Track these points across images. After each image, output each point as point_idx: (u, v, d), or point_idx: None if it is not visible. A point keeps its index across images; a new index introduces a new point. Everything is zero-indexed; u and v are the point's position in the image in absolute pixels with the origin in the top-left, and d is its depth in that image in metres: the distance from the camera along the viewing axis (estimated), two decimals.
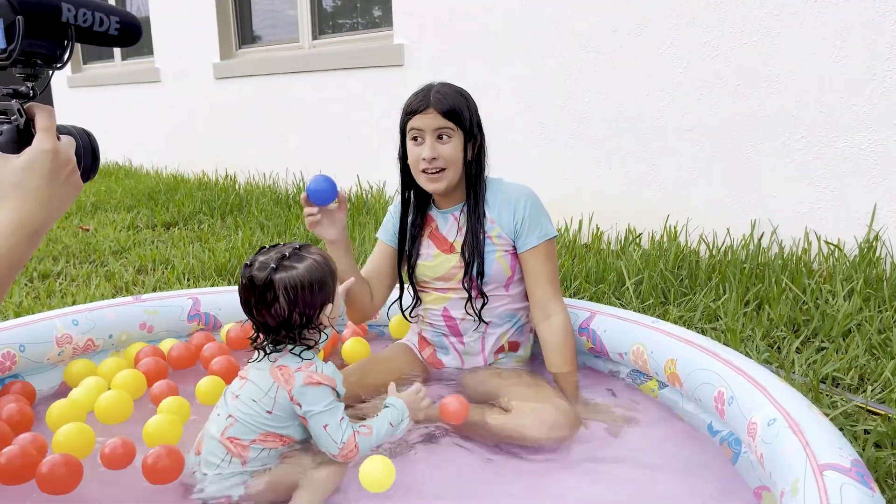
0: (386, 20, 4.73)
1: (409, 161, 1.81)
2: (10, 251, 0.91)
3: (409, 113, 1.77)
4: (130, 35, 1.05)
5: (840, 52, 2.74)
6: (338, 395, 1.48)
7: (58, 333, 2.00)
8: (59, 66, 1.01)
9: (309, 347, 1.50)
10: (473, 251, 1.81)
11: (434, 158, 1.75)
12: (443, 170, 1.77)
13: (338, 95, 4.96)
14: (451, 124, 1.74)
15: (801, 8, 2.81)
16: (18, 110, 0.97)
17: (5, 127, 0.97)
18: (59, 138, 0.98)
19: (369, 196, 4.63)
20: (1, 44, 0.93)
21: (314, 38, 5.26)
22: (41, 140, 0.95)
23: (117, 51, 7.70)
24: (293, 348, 1.48)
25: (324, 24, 5.27)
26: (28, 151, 0.95)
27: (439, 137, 1.75)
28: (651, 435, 1.70)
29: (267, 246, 1.52)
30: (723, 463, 1.54)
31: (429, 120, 1.74)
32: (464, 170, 1.80)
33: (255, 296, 1.44)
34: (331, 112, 5.05)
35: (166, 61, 6.72)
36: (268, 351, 1.49)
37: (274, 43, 5.68)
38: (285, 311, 1.44)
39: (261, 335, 1.50)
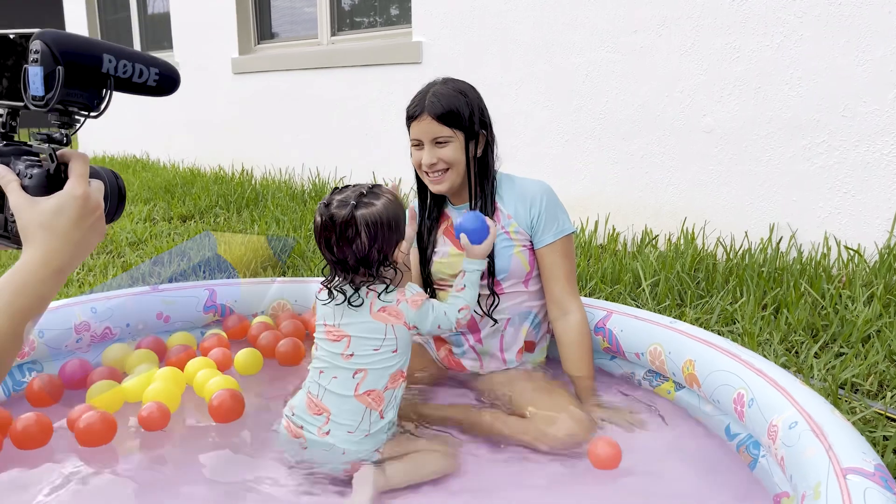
0: (404, 17, 4.73)
1: (412, 163, 1.81)
2: (38, 284, 0.91)
3: (408, 118, 1.77)
4: (168, 87, 1.04)
5: (863, 55, 2.71)
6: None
7: (76, 321, 2.02)
8: (95, 115, 1.00)
9: (386, 286, 1.54)
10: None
11: (433, 164, 1.75)
12: (446, 170, 1.76)
13: (355, 92, 4.97)
14: (447, 130, 1.72)
15: (825, 11, 2.78)
16: (50, 155, 0.96)
17: (35, 171, 0.96)
18: (89, 183, 0.97)
19: None
20: (39, 91, 0.92)
21: (332, 34, 5.27)
22: (73, 185, 0.94)
23: (137, 44, 7.74)
24: (379, 291, 1.52)
25: (342, 20, 5.28)
26: (59, 195, 0.94)
27: (437, 143, 1.74)
28: (667, 438, 1.68)
29: (339, 187, 1.55)
30: (740, 468, 1.52)
31: (424, 127, 1.73)
32: (468, 167, 1.78)
33: (336, 233, 1.47)
34: (348, 108, 5.05)
35: (185, 55, 6.75)
36: (347, 294, 1.52)
37: (292, 39, 5.70)
38: (366, 246, 1.47)
39: (337, 276, 1.54)
